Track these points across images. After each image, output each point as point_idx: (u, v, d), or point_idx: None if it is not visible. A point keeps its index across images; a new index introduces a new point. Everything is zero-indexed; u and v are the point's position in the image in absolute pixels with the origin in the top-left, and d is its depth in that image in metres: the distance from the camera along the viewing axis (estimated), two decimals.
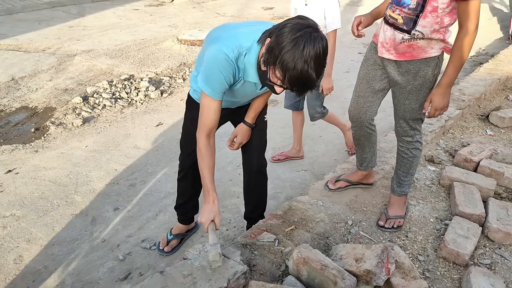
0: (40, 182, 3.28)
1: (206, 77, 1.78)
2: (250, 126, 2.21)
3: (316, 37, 1.49)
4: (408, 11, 1.93)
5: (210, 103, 1.83)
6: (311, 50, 1.47)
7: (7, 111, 4.52)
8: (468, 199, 2.34)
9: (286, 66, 1.49)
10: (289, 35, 1.49)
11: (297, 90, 1.58)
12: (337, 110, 4.39)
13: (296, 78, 1.52)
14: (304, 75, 1.50)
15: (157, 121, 4.29)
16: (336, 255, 1.90)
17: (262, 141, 2.38)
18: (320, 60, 1.51)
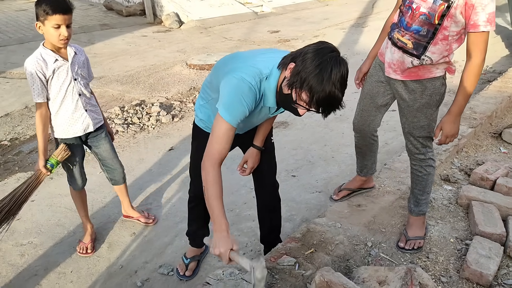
0: (56, 209, 3.30)
1: (228, 104, 1.76)
2: (260, 149, 2.24)
3: (341, 60, 1.59)
4: (419, 37, 1.97)
5: (227, 131, 1.79)
6: (338, 73, 1.55)
7: (21, 139, 4.58)
8: (487, 218, 2.33)
9: (315, 88, 1.55)
10: (315, 59, 1.57)
11: (323, 111, 1.65)
12: (347, 132, 4.41)
13: (324, 99, 1.57)
14: (332, 96, 1.57)
15: (170, 145, 4.33)
16: (358, 278, 1.89)
17: (272, 163, 2.41)
18: (345, 82, 1.60)
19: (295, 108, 1.71)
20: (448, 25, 1.90)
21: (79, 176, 2.77)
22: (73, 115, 2.54)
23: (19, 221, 3.15)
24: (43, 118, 2.46)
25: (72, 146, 2.64)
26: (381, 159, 3.67)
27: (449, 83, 5.49)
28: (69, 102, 2.51)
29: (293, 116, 4.89)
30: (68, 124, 2.55)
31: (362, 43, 7.76)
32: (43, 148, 2.50)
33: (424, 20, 1.93)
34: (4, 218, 2.48)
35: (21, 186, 2.55)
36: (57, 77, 2.43)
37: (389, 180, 2.80)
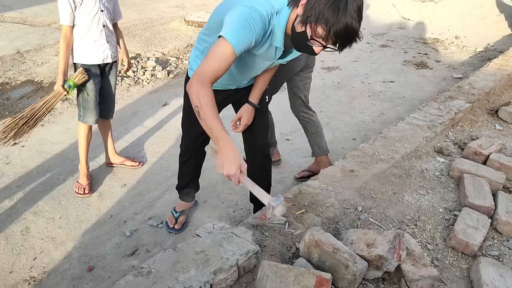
0: (47, 155, 3.27)
1: (235, 28, 1.62)
2: (255, 107, 2.19)
3: None
4: None
5: (227, 54, 1.62)
6: (353, 2, 1.47)
7: (13, 84, 4.49)
8: (477, 191, 2.34)
9: (331, 20, 1.47)
10: None
11: (341, 44, 1.56)
12: (344, 99, 4.39)
13: (342, 31, 1.50)
14: (349, 27, 1.49)
15: (164, 100, 4.27)
16: (347, 239, 1.91)
17: (264, 122, 2.38)
18: (360, 12, 1.52)
19: (310, 46, 1.61)
20: None
21: (94, 107, 2.82)
22: (95, 43, 2.68)
23: (8, 165, 3.12)
24: (67, 41, 2.61)
25: (90, 73, 2.74)
26: (376, 128, 3.67)
27: (449, 58, 5.45)
28: (93, 31, 2.65)
29: None
30: (90, 51, 2.69)
31: (365, 12, 7.61)
32: (63, 70, 2.62)
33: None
34: (20, 130, 2.60)
35: (38, 103, 2.66)
36: (86, 5, 2.57)
37: (383, 148, 2.79)
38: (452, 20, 7.04)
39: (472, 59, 5.68)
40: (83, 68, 2.70)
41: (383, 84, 4.79)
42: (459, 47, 6.12)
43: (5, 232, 2.52)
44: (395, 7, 7.73)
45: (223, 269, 1.68)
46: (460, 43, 6.26)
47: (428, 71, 5.23)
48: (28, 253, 2.38)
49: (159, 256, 1.73)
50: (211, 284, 1.63)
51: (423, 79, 4.97)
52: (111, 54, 2.78)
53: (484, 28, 6.72)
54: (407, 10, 7.58)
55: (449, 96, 3.60)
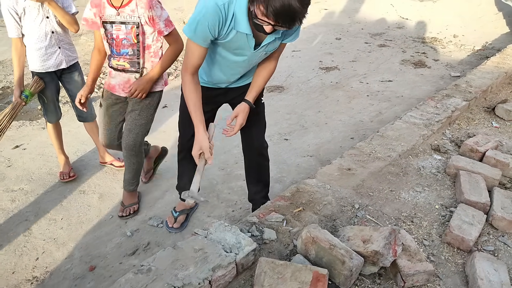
0: (48, 158, 3.31)
1: (191, 21, 1.80)
2: (251, 106, 2.16)
3: None
4: (130, 57, 2.38)
5: (193, 48, 1.87)
6: None
7: (13, 88, 4.52)
8: (473, 188, 2.37)
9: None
10: None
11: (283, 23, 1.61)
12: (342, 99, 4.42)
13: (279, 9, 1.55)
14: (286, 5, 1.53)
15: (164, 103, 4.30)
16: (344, 236, 1.94)
17: (261, 123, 2.40)
18: None
19: (261, 26, 1.68)
20: (145, 39, 2.34)
21: (54, 109, 2.93)
22: (46, 51, 2.70)
23: (10, 168, 3.16)
24: (18, 52, 2.66)
25: (46, 80, 2.79)
26: (374, 128, 3.70)
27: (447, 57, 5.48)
28: (42, 39, 2.66)
29: (290, 80, 4.88)
30: (41, 59, 2.71)
31: (364, 12, 7.65)
32: (18, 80, 2.70)
33: (127, 44, 2.34)
34: None
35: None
36: (29, 15, 2.57)
37: (380, 147, 2.82)
38: (450, 19, 7.07)
39: (470, 58, 5.70)
40: (38, 77, 2.76)
41: (381, 84, 4.82)
42: (457, 46, 6.15)
43: (8, 234, 2.56)
44: (393, 6, 7.76)
45: (222, 266, 1.71)
46: (458, 42, 6.29)
47: (426, 70, 5.26)
48: (31, 254, 2.42)
49: (158, 254, 1.77)
50: (210, 281, 1.66)
51: (421, 78, 5.00)
52: (65, 59, 2.79)
53: (482, 27, 6.75)
54: (405, 9, 7.61)
55: (446, 94, 3.63)
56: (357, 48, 6.03)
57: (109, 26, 2.32)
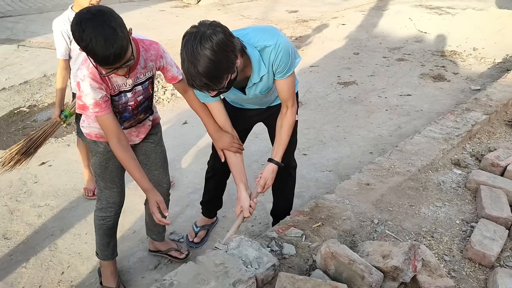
0: (73, 174, 3.40)
1: None
2: (279, 165, 2.10)
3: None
4: (146, 109, 2.12)
5: (208, 106, 2.01)
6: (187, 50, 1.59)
7: (40, 106, 4.68)
8: (494, 202, 2.35)
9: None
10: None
11: (203, 90, 1.70)
12: (361, 114, 4.43)
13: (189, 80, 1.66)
14: (188, 76, 1.63)
15: (184, 119, 4.39)
16: (363, 251, 1.94)
17: (292, 141, 2.38)
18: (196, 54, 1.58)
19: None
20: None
21: None
22: None
23: (36, 184, 3.26)
24: (63, 73, 2.74)
25: None
26: (393, 142, 3.70)
27: (467, 70, 5.43)
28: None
29: (308, 96, 4.93)
30: None
31: (382, 27, 7.67)
32: (59, 100, 2.80)
33: (144, 100, 2.05)
34: (21, 158, 2.76)
35: (37, 132, 2.82)
36: None
37: (400, 161, 2.82)
38: (470, 31, 7.02)
39: (491, 71, 5.65)
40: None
41: (400, 98, 4.81)
42: (477, 59, 6.10)
43: (35, 248, 2.64)
44: (411, 20, 7.76)
45: (242, 281, 1.74)
46: (478, 55, 6.24)
47: (445, 83, 5.23)
48: (56, 268, 2.49)
49: (180, 268, 1.80)
50: None
51: (441, 92, 4.97)
52: None
53: (503, 39, 6.68)
54: (424, 23, 7.59)
55: (466, 108, 3.61)
56: (375, 63, 6.04)
57: (119, 97, 1.93)
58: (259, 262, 1.83)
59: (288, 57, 1.86)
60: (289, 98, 2.02)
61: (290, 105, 2.04)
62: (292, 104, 2.05)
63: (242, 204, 2.04)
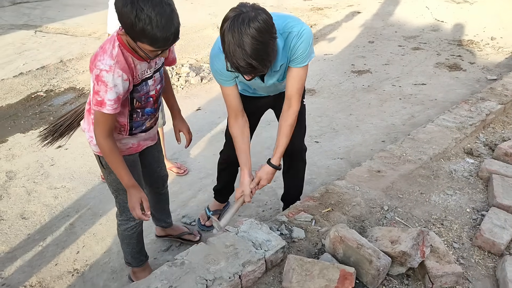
0: (88, 158, 3.47)
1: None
2: (276, 168, 2.06)
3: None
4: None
5: (222, 90, 1.99)
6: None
7: (56, 91, 4.76)
8: (506, 192, 2.34)
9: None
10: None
11: (248, 74, 1.70)
12: (374, 102, 4.41)
13: (234, 67, 1.65)
14: (235, 65, 1.63)
15: (197, 105, 4.42)
16: (372, 236, 1.96)
17: (302, 126, 2.39)
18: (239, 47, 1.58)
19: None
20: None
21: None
22: None
23: (53, 167, 3.34)
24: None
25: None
26: (406, 131, 3.68)
27: (484, 60, 5.34)
28: None
29: (321, 84, 4.92)
30: None
31: (398, 15, 7.57)
32: None
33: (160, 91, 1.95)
34: (65, 131, 2.68)
35: (81, 105, 2.81)
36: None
37: (411, 149, 2.82)
38: (488, 20, 6.88)
39: (508, 60, 5.55)
40: None
41: (414, 87, 4.77)
42: (495, 48, 6.00)
43: (51, 228, 2.71)
44: (428, 9, 7.64)
45: (251, 262, 1.78)
46: (496, 44, 6.13)
47: (461, 73, 5.16)
48: (72, 247, 2.56)
49: (191, 248, 1.85)
50: (240, 275, 1.73)
51: (456, 81, 4.91)
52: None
53: None
54: (441, 12, 7.47)
55: (481, 97, 3.57)
56: (390, 51, 5.98)
57: (141, 86, 1.79)
58: (269, 244, 1.87)
59: (308, 46, 1.86)
60: (296, 94, 1.96)
61: (295, 103, 1.98)
62: (297, 102, 1.99)
63: (244, 188, 2.02)
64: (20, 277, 2.37)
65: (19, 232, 2.69)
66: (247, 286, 1.78)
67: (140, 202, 1.84)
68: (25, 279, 2.36)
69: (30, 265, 2.46)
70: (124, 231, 2.16)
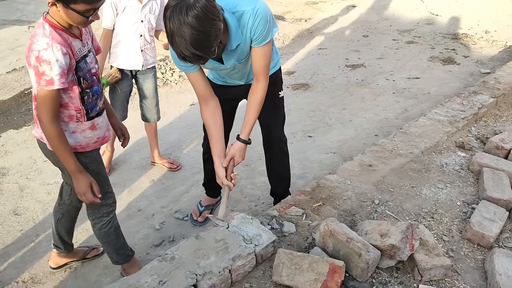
0: None
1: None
2: (246, 143, 2.04)
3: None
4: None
5: (189, 78, 1.99)
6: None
7: None
8: (496, 185, 2.35)
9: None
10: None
11: (197, 62, 1.72)
12: (367, 96, 4.42)
13: (180, 57, 1.65)
14: (181, 55, 1.64)
15: (191, 101, 4.42)
16: (362, 230, 1.97)
17: (279, 117, 2.41)
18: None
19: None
20: None
21: (121, 107, 3.05)
22: (129, 50, 2.84)
23: (46, 163, 3.33)
24: (105, 42, 2.82)
25: (123, 75, 2.93)
26: (399, 125, 3.68)
27: (477, 53, 5.35)
28: (129, 39, 2.81)
29: (315, 78, 4.92)
30: (122, 57, 2.86)
31: (392, 9, 7.56)
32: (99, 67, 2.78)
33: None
34: None
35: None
36: (128, 13, 2.74)
37: (403, 143, 2.83)
38: (482, 14, 6.89)
39: (502, 54, 5.56)
40: (117, 68, 2.90)
41: (408, 81, 4.78)
42: (489, 42, 6.00)
43: (44, 224, 2.72)
44: (423, 2, 7.63)
45: (242, 256, 1.79)
46: (490, 38, 6.13)
47: (455, 66, 5.17)
48: None
49: (182, 243, 1.86)
50: (230, 270, 1.74)
51: (450, 75, 4.92)
52: (143, 62, 2.89)
53: None
54: (435, 5, 7.46)
55: (473, 91, 3.58)
56: (385, 45, 5.98)
57: (83, 63, 1.78)
58: (259, 239, 1.88)
59: (266, 24, 1.83)
60: (262, 70, 1.96)
61: (262, 79, 1.98)
62: (264, 77, 1.98)
63: (217, 174, 1.99)
64: (12, 273, 2.38)
65: (12, 228, 2.69)
66: (237, 280, 1.79)
67: (90, 186, 1.86)
68: (17, 275, 2.36)
69: (23, 261, 2.46)
70: (100, 230, 2.15)
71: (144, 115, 3.15)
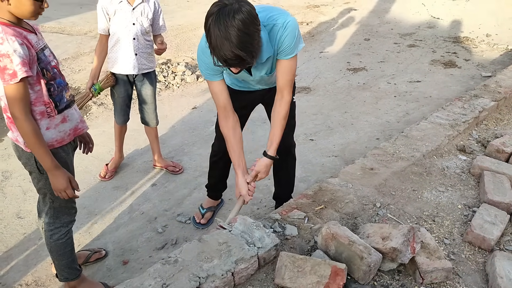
0: (84, 157, 3.44)
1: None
2: (273, 159, 2.10)
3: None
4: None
5: (211, 87, 2.01)
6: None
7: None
8: (497, 188, 2.37)
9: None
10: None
11: (237, 67, 1.73)
12: (369, 100, 4.43)
13: (221, 61, 1.67)
14: (222, 58, 1.66)
15: (193, 104, 4.44)
16: (364, 233, 1.99)
17: (290, 122, 2.40)
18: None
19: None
20: None
21: (120, 111, 3.08)
22: (123, 54, 2.84)
23: None
24: (101, 47, 2.86)
25: (118, 80, 2.94)
26: (401, 128, 3.70)
27: (478, 57, 5.35)
28: (123, 42, 2.82)
29: (317, 81, 4.94)
30: (117, 61, 2.87)
31: (394, 12, 7.59)
32: (93, 73, 2.88)
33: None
34: None
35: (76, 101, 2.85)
36: (118, 17, 2.75)
37: (404, 147, 2.84)
38: (483, 17, 6.92)
39: (503, 57, 5.58)
40: (111, 73, 2.93)
41: (409, 84, 4.80)
42: (490, 45, 6.03)
43: None
44: (424, 6, 7.66)
45: (244, 259, 1.80)
46: (491, 41, 6.16)
47: (456, 70, 5.19)
48: None
49: (185, 246, 1.87)
50: (233, 273, 1.75)
51: (451, 78, 4.94)
52: (137, 66, 2.87)
53: None
54: (437, 9, 7.50)
55: (474, 94, 3.60)
56: (386, 49, 6.00)
57: (42, 55, 1.78)
58: (262, 242, 1.89)
59: (294, 37, 1.87)
60: (286, 84, 1.99)
61: (286, 93, 2.01)
62: (288, 92, 2.02)
63: (240, 189, 2.08)
64: (16, 276, 2.39)
65: (15, 231, 2.71)
66: (240, 283, 1.80)
67: (69, 181, 1.86)
68: (20, 278, 2.38)
69: (26, 264, 2.47)
70: (57, 241, 2.05)
71: (144, 118, 3.18)
